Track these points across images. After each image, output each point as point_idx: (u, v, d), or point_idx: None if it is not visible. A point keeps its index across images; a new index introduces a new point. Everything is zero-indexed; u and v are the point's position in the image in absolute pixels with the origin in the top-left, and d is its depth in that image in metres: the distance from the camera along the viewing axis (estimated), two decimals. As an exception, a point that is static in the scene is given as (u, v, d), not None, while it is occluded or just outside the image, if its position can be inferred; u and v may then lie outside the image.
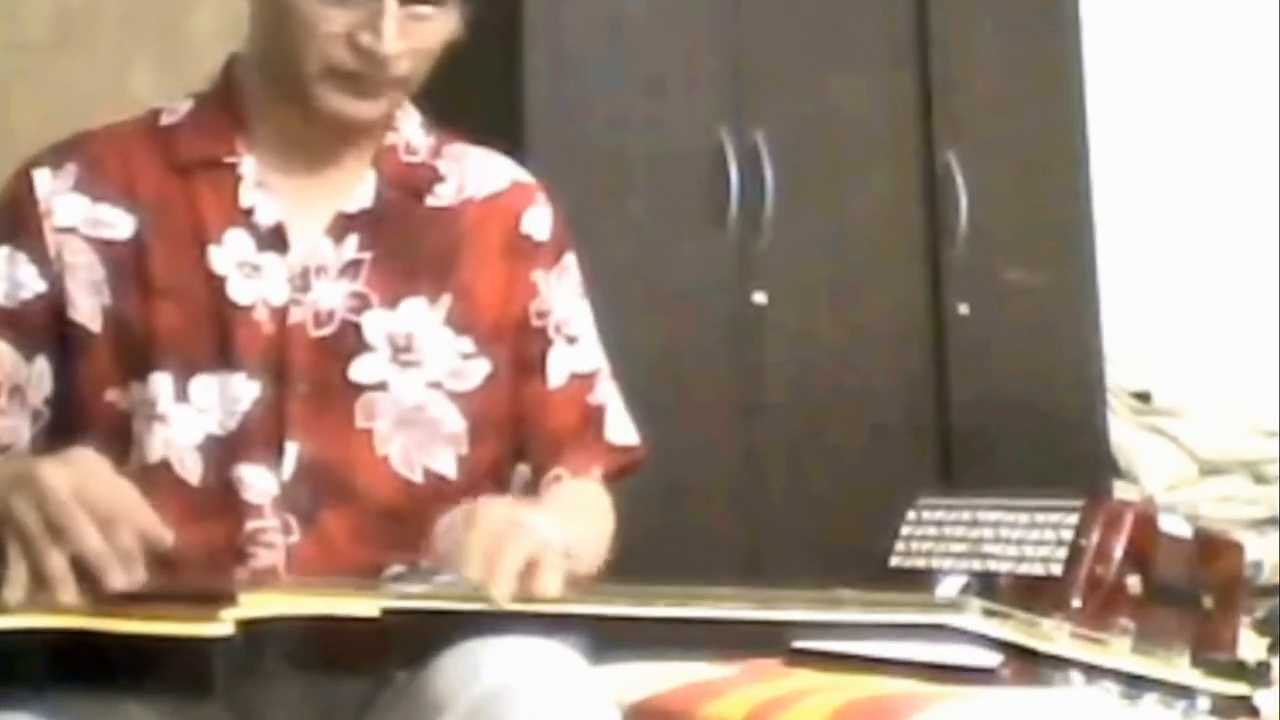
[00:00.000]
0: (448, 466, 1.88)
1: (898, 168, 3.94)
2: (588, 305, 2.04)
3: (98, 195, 1.89)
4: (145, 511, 1.66)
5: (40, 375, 1.87)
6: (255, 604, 1.56)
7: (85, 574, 1.61)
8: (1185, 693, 1.51)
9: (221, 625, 1.52)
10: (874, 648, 2.23)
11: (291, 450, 1.82)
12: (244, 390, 1.83)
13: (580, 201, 2.09)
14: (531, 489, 1.95)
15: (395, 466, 1.86)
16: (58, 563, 1.60)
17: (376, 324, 1.87)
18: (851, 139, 3.87)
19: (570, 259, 2.02)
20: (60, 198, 1.88)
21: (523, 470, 1.97)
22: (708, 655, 2.37)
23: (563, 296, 2.00)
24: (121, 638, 1.55)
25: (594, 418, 2.01)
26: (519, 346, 1.96)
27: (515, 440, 1.96)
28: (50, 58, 3.47)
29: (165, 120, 1.95)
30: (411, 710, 1.62)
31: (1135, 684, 1.51)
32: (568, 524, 1.74)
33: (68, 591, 1.59)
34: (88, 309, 1.86)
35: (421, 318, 1.89)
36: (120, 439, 1.82)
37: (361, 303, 1.88)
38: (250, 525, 1.80)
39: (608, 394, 2.04)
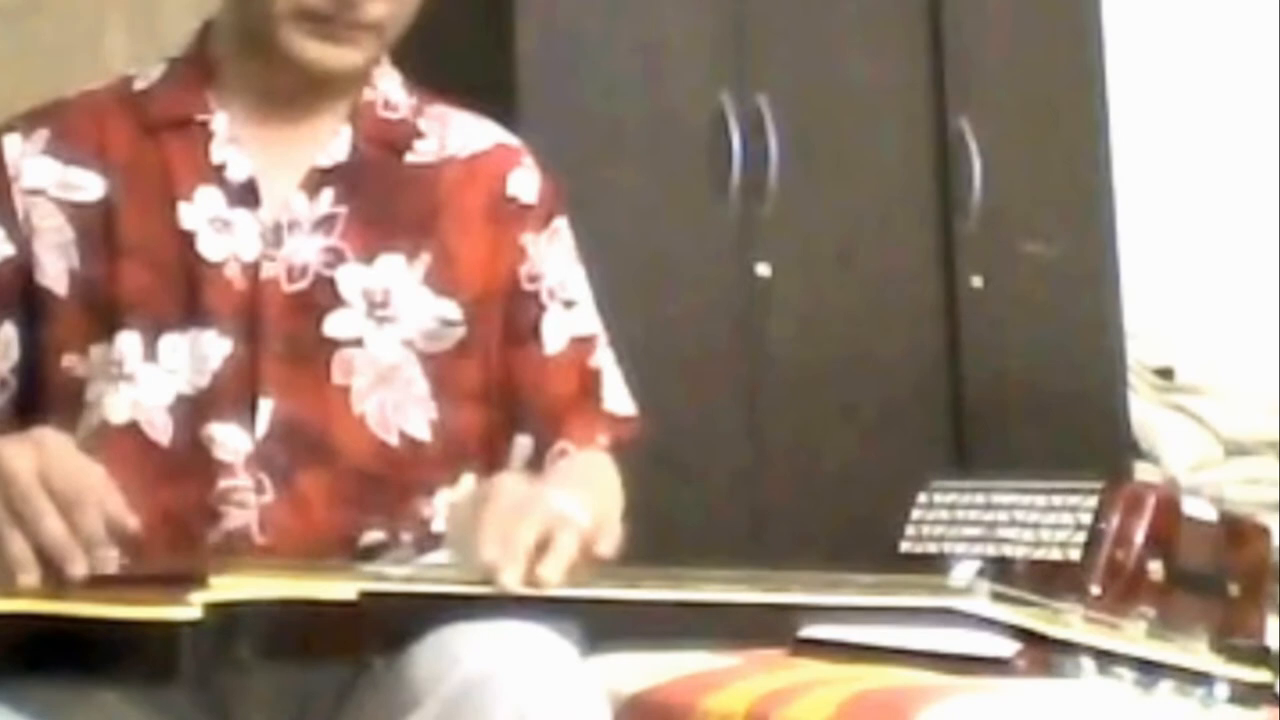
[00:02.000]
0: (421, 429, 1.88)
1: (908, 134, 3.94)
2: (583, 271, 2.04)
3: (68, 159, 1.90)
4: (111, 494, 1.65)
5: (7, 343, 1.88)
6: (226, 587, 1.55)
7: (50, 558, 1.60)
8: (1203, 680, 1.50)
9: (189, 609, 1.51)
10: (884, 637, 2.23)
11: (265, 408, 1.83)
12: (214, 348, 1.84)
13: (574, 169, 2.09)
14: (536, 464, 1.95)
15: (371, 427, 1.86)
16: (20, 547, 1.59)
17: (352, 279, 1.88)
18: (859, 103, 3.87)
19: (561, 223, 2.02)
20: (29, 160, 1.90)
21: (524, 443, 1.96)
22: (708, 644, 2.37)
23: (555, 260, 2.00)
24: (87, 622, 1.54)
25: (593, 383, 2.01)
26: (509, 313, 1.96)
27: (511, 411, 1.96)
28: (22, 21, 3.47)
29: (138, 85, 1.96)
30: (389, 699, 1.61)
31: (1151, 671, 1.50)
32: (589, 498, 1.73)
33: (30, 576, 1.59)
34: (54, 272, 1.87)
35: (399, 274, 1.89)
36: (71, 406, 1.83)
37: (336, 257, 1.88)
38: (222, 484, 1.80)
39: (606, 360, 2.04)
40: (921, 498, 2.65)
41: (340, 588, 1.57)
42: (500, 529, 1.61)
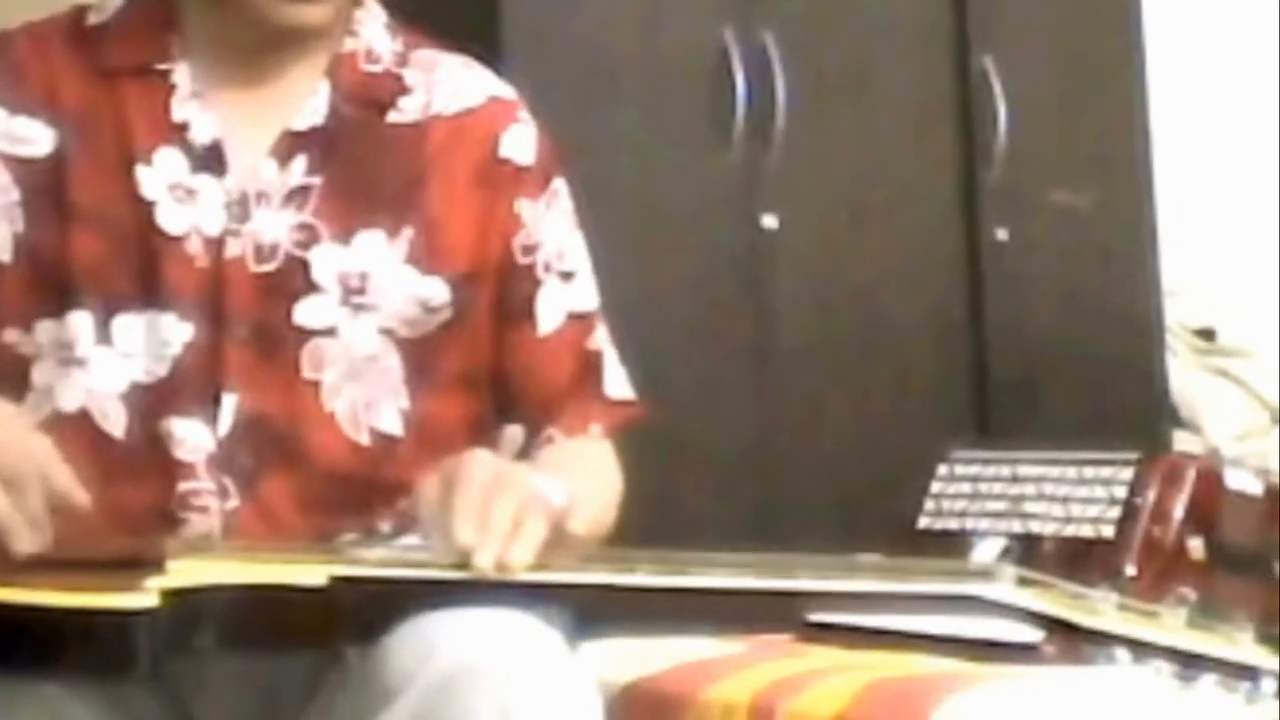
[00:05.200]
0: (393, 424, 1.87)
1: (927, 73, 3.93)
2: (581, 237, 2.02)
3: (14, 106, 1.88)
4: (58, 468, 1.65)
5: None
6: (185, 572, 1.55)
7: (-9, 539, 1.60)
8: (1249, 673, 1.50)
9: (145, 596, 1.51)
10: (900, 622, 2.23)
11: (229, 402, 1.81)
12: (174, 332, 1.82)
13: (563, 113, 2.08)
14: (525, 454, 1.93)
15: (342, 425, 1.85)
16: (-43, 529, 1.59)
17: (326, 261, 1.86)
18: (873, 41, 3.86)
19: (560, 184, 2.00)
20: None
21: (513, 433, 1.95)
22: (710, 630, 2.37)
23: (553, 228, 1.97)
24: (33, 610, 1.54)
25: (592, 366, 2.00)
26: (502, 289, 1.94)
27: (500, 397, 1.95)
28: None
29: (92, 20, 1.93)
30: (363, 692, 1.61)
31: (1192, 662, 1.50)
32: (568, 480, 1.73)
33: (-30, 558, 1.59)
34: None
35: (378, 255, 1.87)
36: (15, 386, 1.81)
37: (309, 236, 1.86)
38: (182, 487, 1.79)
39: (605, 340, 2.02)
40: (941, 470, 2.66)
41: (309, 572, 1.57)
42: (475, 509, 1.60)
